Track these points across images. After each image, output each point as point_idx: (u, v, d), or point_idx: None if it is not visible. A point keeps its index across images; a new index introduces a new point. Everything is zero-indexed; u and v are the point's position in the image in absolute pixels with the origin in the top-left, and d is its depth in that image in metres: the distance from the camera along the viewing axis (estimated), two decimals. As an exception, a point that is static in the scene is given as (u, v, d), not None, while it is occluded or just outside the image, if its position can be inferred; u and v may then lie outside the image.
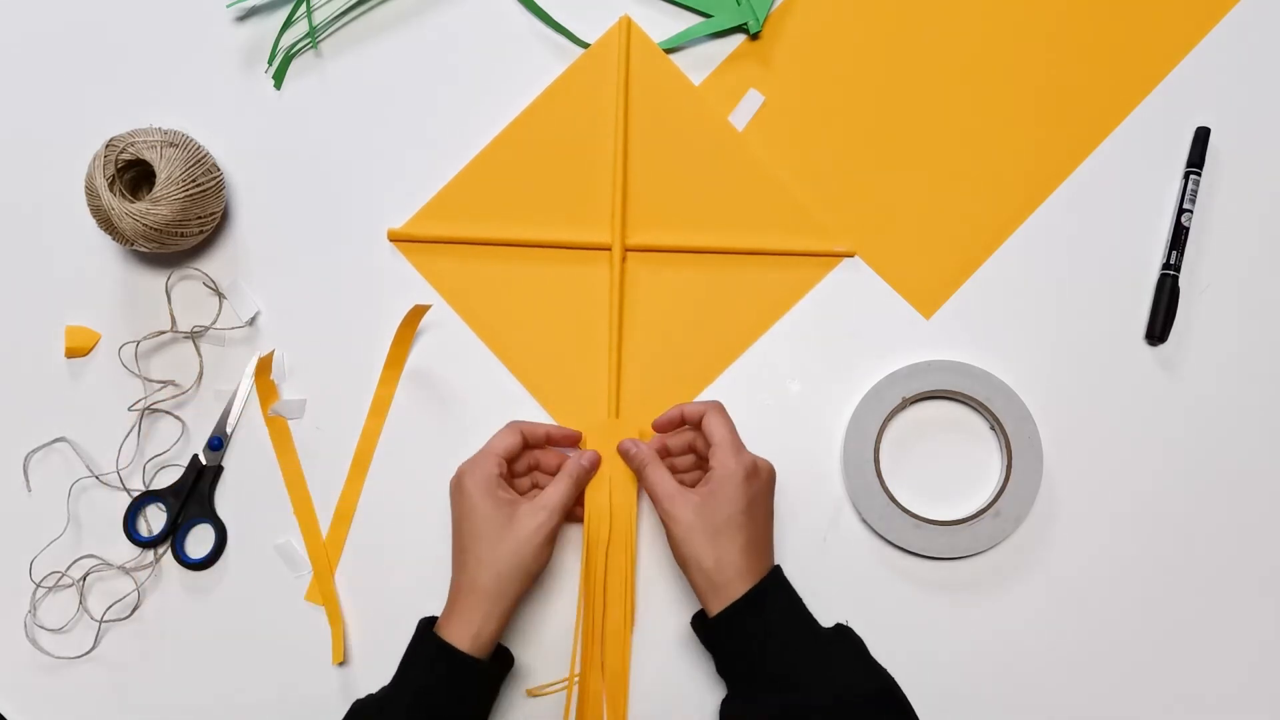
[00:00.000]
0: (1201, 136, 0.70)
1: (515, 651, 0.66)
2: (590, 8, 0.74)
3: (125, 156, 0.66)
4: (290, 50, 0.74)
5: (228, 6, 0.75)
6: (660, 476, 0.63)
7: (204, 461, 0.71)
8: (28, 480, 0.71)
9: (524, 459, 0.67)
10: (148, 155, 0.66)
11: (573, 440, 0.68)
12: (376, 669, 0.66)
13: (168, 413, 0.71)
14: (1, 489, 0.71)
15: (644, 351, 0.71)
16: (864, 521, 0.68)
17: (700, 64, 0.73)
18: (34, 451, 0.71)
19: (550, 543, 0.62)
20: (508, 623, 0.62)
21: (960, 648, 0.68)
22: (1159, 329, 0.69)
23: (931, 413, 0.70)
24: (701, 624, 0.62)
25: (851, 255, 0.71)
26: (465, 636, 0.60)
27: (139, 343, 0.71)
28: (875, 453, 0.68)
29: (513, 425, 0.66)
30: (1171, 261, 0.69)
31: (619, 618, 0.67)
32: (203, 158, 0.68)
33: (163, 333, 0.71)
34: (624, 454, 0.66)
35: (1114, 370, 0.69)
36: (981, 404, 0.68)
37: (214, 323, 0.72)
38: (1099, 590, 0.68)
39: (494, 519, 0.61)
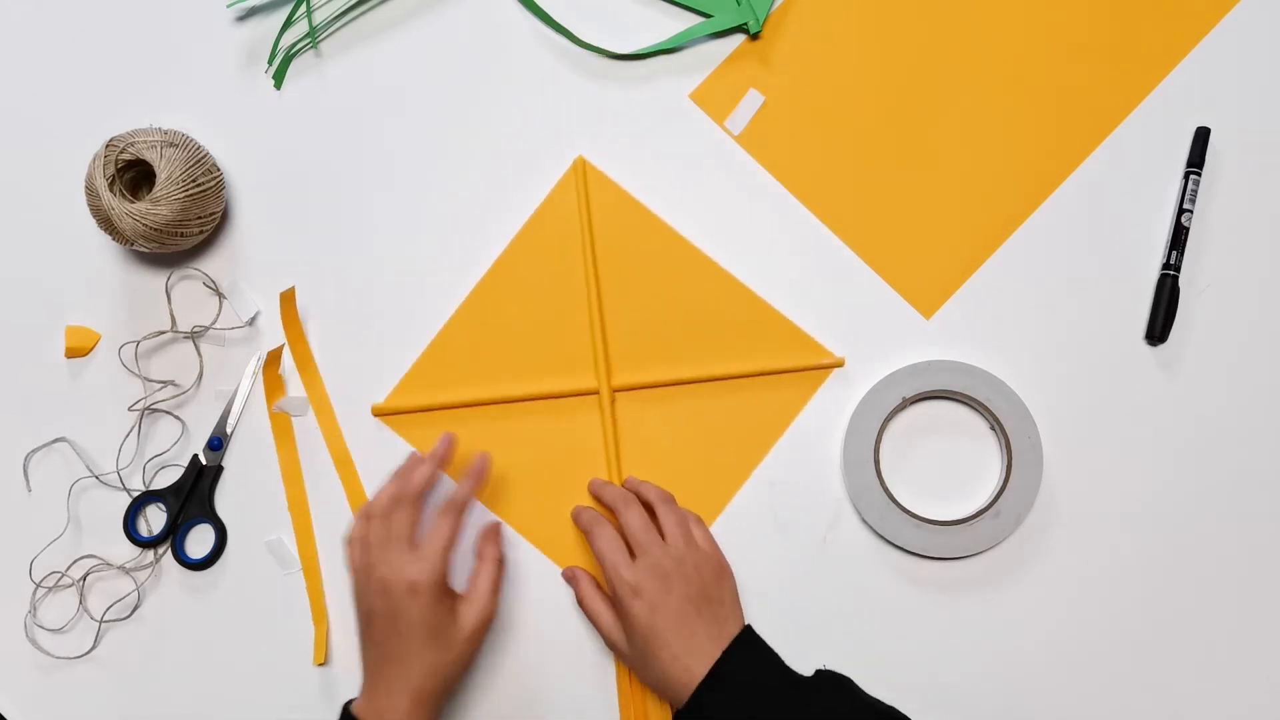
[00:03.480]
0: (1201, 136, 0.70)
1: None
2: (590, 8, 0.74)
3: (125, 156, 0.66)
4: (290, 50, 0.74)
5: (228, 6, 0.75)
6: (596, 608, 0.64)
7: (204, 461, 0.71)
8: (28, 480, 0.71)
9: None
10: (148, 155, 0.66)
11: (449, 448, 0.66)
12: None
13: (168, 413, 0.71)
14: (1, 489, 0.71)
15: None
16: (864, 521, 0.68)
17: (700, 64, 0.73)
18: (34, 451, 0.71)
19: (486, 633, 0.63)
20: None
21: (960, 648, 0.68)
22: (1159, 329, 0.69)
23: (931, 413, 0.70)
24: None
25: (840, 364, 0.70)
26: None
27: (139, 343, 0.71)
28: (875, 453, 0.68)
29: (449, 508, 0.63)
30: (1171, 261, 0.69)
31: None
32: (203, 158, 0.68)
33: (163, 333, 0.71)
34: (566, 578, 0.68)
35: (1114, 370, 0.69)
36: (981, 404, 0.68)
37: (214, 323, 0.72)
38: (1099, 590, 0.68)
39: (441, 629, 0.61)
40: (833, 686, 0.61)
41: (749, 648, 0.61)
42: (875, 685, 0.66)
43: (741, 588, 0.67)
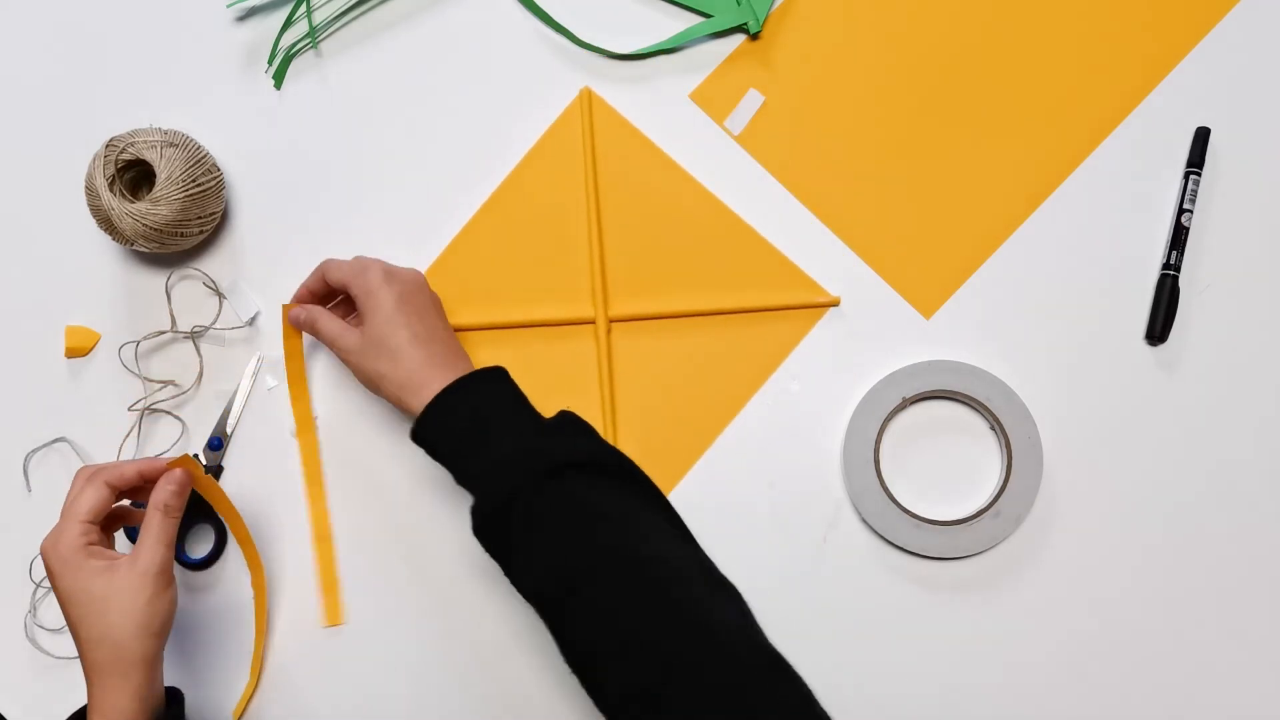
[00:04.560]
0: (1201, 136, 0.70)
1: None
2: (590, 8, 0.74)
3: (125, 156, 0.66)
4: (290, 50, 0.74)
5: (228, 6, 0.75)
6: (328, 322, 0.64)
7: (204, 461, 0.71)
8: (28, 480, 0.71)
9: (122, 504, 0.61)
10: (148, 155, 0.66)
11: (158, 470, 0.59)
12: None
13: (168, 413, 0.71)
14: (1, 489, 0.71)
15: (639, 421, 0.70)
16: (864, 521, 0.68)
17: (700, 64, 0.73)
18: (34, 451, 0.71)
19: (164, 588, 0.57)
20: (156, 683, 0.57)
21: (960, 647, 0.68)
22: (1159, 329, 0.69)
23: (931, 413, 0.69)
24: (414, 432, 0.60)
25: (836, 303, 0.70)
26: None
27: (139, 343, 0.71)
28: (875, 453, 0.68)
29: (93, 477, 0.58)
30: (1171, 261, 0.69)
31: None
32: (203, 158, 0.68)
33: (163, 333, 0.71)
34: (294, 321, 0.66)
35: (1114, 370, 0.69)
36: (981, 404, 0.68)
37: (214, 323, 0.72)
38: (1099, 590, 0.68)
39: (92, 591, 0.55)
40: (575, 427, 0.59)
41: (494, 376, 0.61)
42: (875, 684, 0.66)
43: (741, 587, 0.67)
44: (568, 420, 0.59)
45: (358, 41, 0.75)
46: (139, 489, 0.60)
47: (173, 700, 0.60)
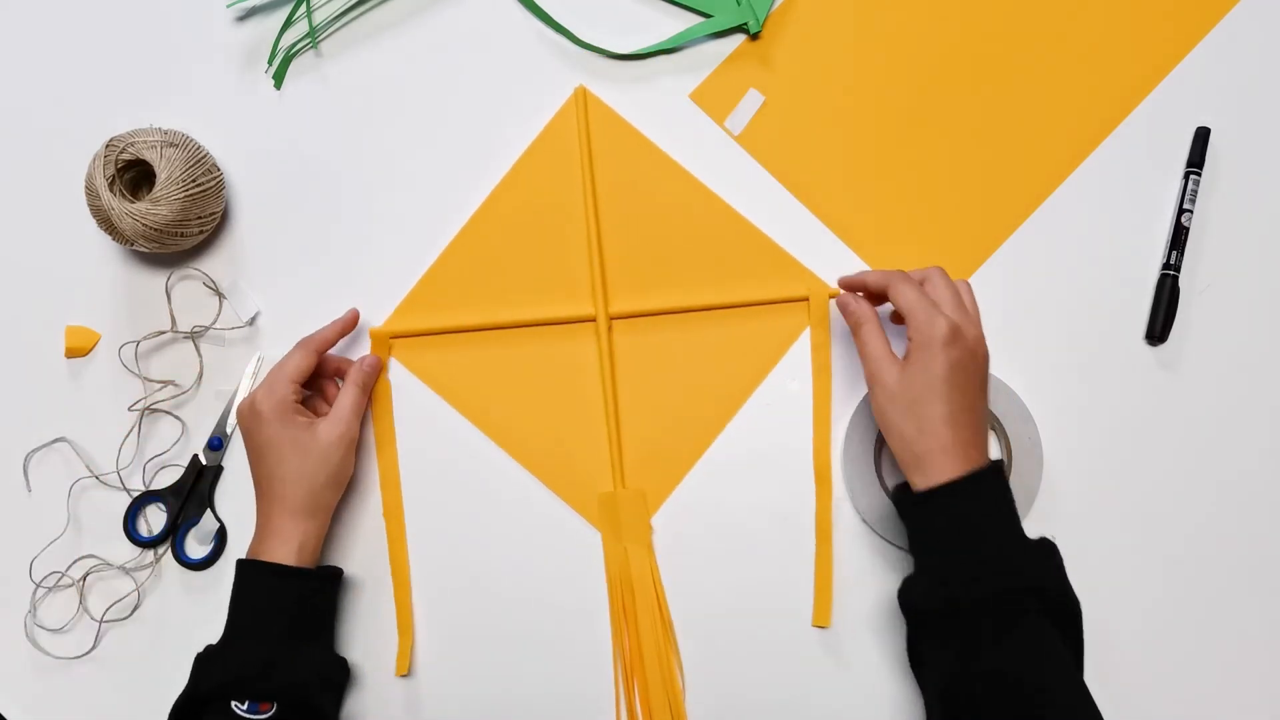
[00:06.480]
0: (1201, 136, 0.70)
1: None
2: (590, 8, 0.74)
3: (125, 156, 0.66)
4: (290, 50, 0.74)
5: (228, 6, 0.75)
6: (873, 337, 0.61)
7: (204, 461, 0.71)
8: (28, 480, 0.71)
9: (317, 375, 0.69)
10: (148, 155, 0.66)
11: (352, 321, 0.70)
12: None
13: (168, 413, 0.71)
14: (1, 489, 0.72)
15: (642, 417, 0.70)
16: (864, 521, 0.68)
17: (700, 64, 0.73)
18: (34, 451, 0.71)
19: (352, 450, 0.66)
20: (325, 535, 0.66)
21: (960, 648, 0.68)
22: (1159, 329, 0.69)
23: (931, 413, 0.69)
24: (902, 497, 0.60)
25: (836, 295, 0.69)
26: (289, 554, 0.63)
27: (139, 343, 0.71)
28: (875, 452, 0.68)
29: (303, 344, 0.67)
30: (1171, 261, 0.69)
31: (661, 688, 0.66)
32: (203, 158, 0.68)
33: (163, 333, 0.71)
34: (842, 308, 0.63)
35: (1114, 370, 0.69)
36: (981, 404, 0.68)
37: (214, 323, 0.72)
38: (1098, 590, 0.67)
39: (297, 440, 0.64)
40: (1050, 554, 0.59)
41: (1001, 476, 0.59)
42: (876, 685, 0.66)
43: (740, 587, 0.67)
44: (1050, 551, 0.59)
45: (358, 41, 0.75)
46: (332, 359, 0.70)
47: (333, 569, 0.67)
